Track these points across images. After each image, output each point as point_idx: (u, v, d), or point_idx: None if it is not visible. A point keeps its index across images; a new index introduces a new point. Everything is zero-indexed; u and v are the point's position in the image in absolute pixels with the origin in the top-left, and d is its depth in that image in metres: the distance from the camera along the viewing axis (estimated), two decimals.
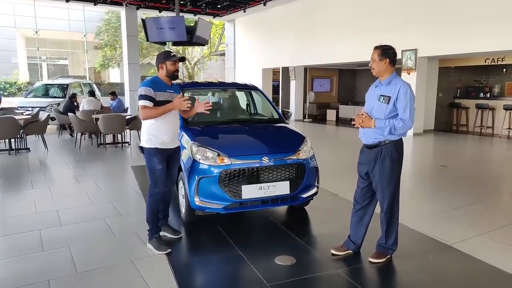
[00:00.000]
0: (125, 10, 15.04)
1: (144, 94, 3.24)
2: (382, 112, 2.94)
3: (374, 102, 3.00)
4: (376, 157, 2.98)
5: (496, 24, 8.60)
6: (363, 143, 3.13)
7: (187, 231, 3.82)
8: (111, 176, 6.24)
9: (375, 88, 3.08)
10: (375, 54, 2.97)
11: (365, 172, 3.11)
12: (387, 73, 2.97)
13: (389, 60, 2.96)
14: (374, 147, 3.00)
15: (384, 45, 3.00)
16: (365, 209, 3.22)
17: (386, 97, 2.92)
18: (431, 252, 3.35)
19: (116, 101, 10.97)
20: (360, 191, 3.20)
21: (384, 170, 2.96)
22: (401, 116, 2.88)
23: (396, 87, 2.91)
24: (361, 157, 3.17)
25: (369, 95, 3.15)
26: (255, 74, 16.48)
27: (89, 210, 4.43)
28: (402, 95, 2.87)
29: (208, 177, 3.64)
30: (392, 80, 2.96)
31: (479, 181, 5.97)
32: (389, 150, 2.96)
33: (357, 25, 11.90)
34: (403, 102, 2.87)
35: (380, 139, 2.96)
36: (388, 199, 3.02)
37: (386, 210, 3.04)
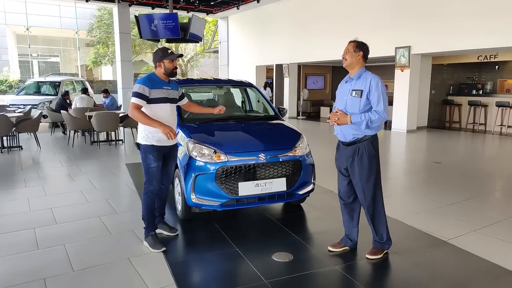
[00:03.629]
0: (118, 7, 14.90)
1: (137, 92, 3.21)
2: (356, 107, 2.94)
3: (346, 98, 3.01)
4: (354, 154, 2.99)
5: (488, 21, 8.67)
6: (340, 140, 3.12)
7: (183, 229, 3.80)
8: (105, 174, 6.18)
9: (345, 83, 3.10)
10: (350, 46, 2.99)
11: (345, 168, 3.11)
12: (358, 66, 2.99)
13: (362, 54, 2.99)
14: (351, 144, 3.01)
15: (360, 40, 3.02)
16: (351, 206, 3.23)
17: (358, 91, 2.94)
18: (427, 248, 3.37)
19: (109, 98, 10.88)
20: (343, 188, 3.21)
21: (363, 168, 2.98)
22: (375, 108, 2.89)
23: (367, 80, 2.93)
24: (338, 154, 3.18)
25: (340, 91, 3.16)
26: (249, 71, 16.45)
27: (84, 208, 4.39)
28: (373, 87, 2.89)
29: (205, 174, 3.62)
30: (362, 74, 2.98)
31: (473, 177, 6.03)
32: (366, 147, 2.98)
33: (351, 22, 11.92)
34: (376, 94, 2.89)
35: (358, 135, 2.97)
36: (369, 195, 3.02)
37: (368, 205, 3.05)
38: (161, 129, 3.14)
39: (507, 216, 4.11)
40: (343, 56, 3.02)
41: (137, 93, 3.21)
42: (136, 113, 3.18)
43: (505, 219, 4.02)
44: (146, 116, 3.20)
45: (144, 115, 3.20)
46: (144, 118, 3.19)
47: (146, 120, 3.19)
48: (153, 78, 3.36)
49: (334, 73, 17.07)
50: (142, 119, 3.19)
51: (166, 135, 3.12)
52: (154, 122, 3.18)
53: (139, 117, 3.19)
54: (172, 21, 8.28)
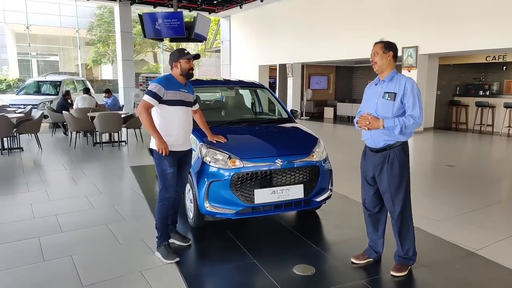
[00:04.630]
0: (119, 5, 14.68)
1: (152, 90, 3.05)
2: (389, 111, 2.74)
3: (377, 101, 2.81)
4: (384, 161, 2.80)
5: (497, 22, 8.51)
6: (368, 146, 2.92)
7: (196, 238, 3.61)
8: (110, 177, 5.99)
9: (375, 86, 2.90)
10: (377, 48, 2.79)
11: (372, 177, 2.92)
12: (389, 68, 2.80)
13: (392, 54, 2.80)
14: (381, 151, 2.81)
15: (387, 40, 2.83)
16: (377, 216, 3.04)
17: (391, 93, 2.74)
18: (455, 260, 3.20)
19: (111, 98, 10.69)
20: (369, 198, 3.01)
21: (393, 176, 2.78)
22: (410, 112, 2.69)
23: (400, 82, 2.74)
24: (364, 162, 2.97)
25: (368, 94, 2.96)
26: (251, 71, 16.26)
27: (90, 215, 4.20)
28: (408, 90, 2.69)
29: (219, 180, 3.44)
30: (394, 76, 2.79)
31: (489, 181, 5.87)
32: (397, 153, 2.78)
33: (356, 21, 11.74)
34: (411, 98, 2.68)
35: (390, 141, 2.77)
36: (399, 207, 2.83)
37: (397, 218, 2.85)
38: (157, 142, 3.03)
39: None
40: (371, 59, 2.82)
41: (151, 92, 3.05)
42: (144, 113, 3.02)
43: None
44: (151, 121, 3.05)
45: (149, 119, 3.04)
46: (148, 123, 3.03)
47: (149, 125, 3.03)
48: (170, 78, 3.19)
49: (338, 73, 16.90)
50: (146, 122, 3.03)
51: (159, 150, 3.02)
52: (154, 132, 3.04)
53: (144, 119, 3.03)
54: (177, 20, 8.08)
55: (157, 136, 3.04)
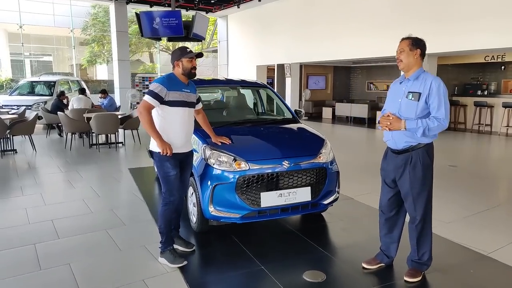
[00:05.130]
0: (114, 4, 14.46)
1: (153, 91, 2.92)
2: (412, 111, 2.61)
3: (400, 101, 2.68)
4: (406, 163, 2.67)
5: (496, 21, 8.44)
6: (389, 147, 2.80)
7: (199, 243, 3.48)
8: (108, 180, 5.82)
9: (399, 84, 2.76)
10: (404, 44, 2.65)
11: (392, 179, 2.80)
12: (415, 66, 2.66)
13: (420, 52, 2.66)
14: (403, 152, 2.69)
15: (415, 36, 2.71)
16: (393, 220, 2.93)
17: (415, 93, 2.60)
18: (469, 264, 3.10)
19: (107, 99, 10.50)
20: (387, 201, 2.90)
21: (416, 179, 2.66)
22: (435, 114, 2.56)
23: (426, 81, 2.59)
24: (385, 163, 2.85)
25: (392, 93, 2.82)
26: (249, 71, 16.12)
27: (88, 220, 4.04)
28: (434, 90, 2.55)
29: (224, 183, 3.31)
30: (421, 75, 2.65)
31: (494, 181, 5.80)
32: (420, 155, 2.65)
33: (354, 21, 11.65)
34: (437, 98, 2.55)
35: (412, 143, 2.65)
36: (420, 211, 2.71)
37: (418, 222, 2.74)
38: (159, 143, 2.91)
39: None
40: (397, 57, 2.68)
41: (152, 92, 2.92)
42: (144, 114, 2.90)
43: None
44: (151, 122, 2.93)
45: (150, 120, 2.92)
46: (148, 124, 2.91)
47: (149, 126, 2.91)
48: (172, 78, 3.06)
49: (336, 73, 16.82)
50: (146, 123, 2.91)
51: (162, 152, 2.90)
52: (154, 133, 2.92)
53: (144, 120, 2.91)
54: (175, 19, 7.93)
55: (158, 138, 2.92)
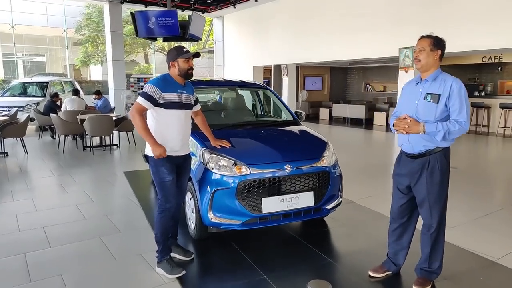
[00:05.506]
0: (109, 4, 14.26)
1: (147, 92, 2.78)
2: (431, 114, 2.48)
3: (417, 102, 2.55)
4: (423, 168, 2.54)
5: (493, 22, 8.39)
6: (404, 152, 2.67)
7: (198, 251, 3.34)
8: (102, 184, 5.65)
9: (415, 85, 2.62)
10: (425, 43, 2.51)
11: (407, 185, 2.68)
12: (434, 67, 2.54)
13: (440, 53, 2.54)
14: (420, 157, 2.56)
15: (436, 35, 2.58)
16: (404, 226, 2.81)
17: (435, 95, 2.47)
18: (478, 271, 2.99)
19: (101, 100, 10.31)
20: (399, 208, 2.78)
21: (433, 184, 2.54)
22: (456, 117, 2.43)
23: (446, 83, 2.47)
24: (399, 168, 2.72)
25: (407, 94, 2.68)
26: (246, 72, 16.00)
27: (81, 227, 3.88)
28: (455, 92, 2.43)
29: (224, 189, 3.18)
30: (439, 76, 2.52)
31: (494, 183, 5.72)
32: (438, 159, 2.53)
33: (352, 22, 11.57)
34: (458, 101, 2.42)
35: (430, 147, 2.53)
36: (437, 218, 2.59)
37: (434, 230, 2.61)
38: (153, 148, 2.76)
39: None
40: (415, 56, 2.54)
41: (145, 94, 2.78)
42: (136, 117, 2.76)
43: None
44: (144, 125, 2.79)
45: (142, 123, 2.77)
46: (141, 127, 2.76)
47: (142, 129, 2.77)
48: (167, 79, 2.92)
49: (332, 74, 16.76)
50: (139, 125, 2.77)
51: (156, 156, 2.76)
52: (148, 136, 2.78)
53: (137, 123, 2.77)
54: (171, 19, 7.78)
55: (152, 141, 2.78)
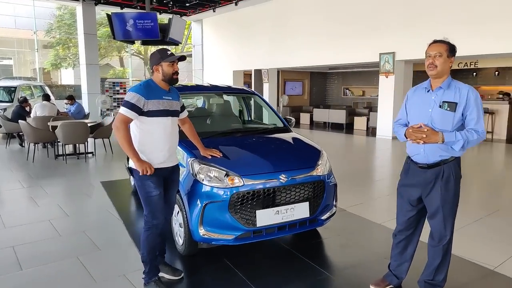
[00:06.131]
0: (82, 5, 13.76)
1: (129, 101, 2.54)
2: (449, 123, 2.35)
3: (431, 111, 2.43)
4: (437, 178, 2.42)
5: (470, 29, 8.61)
6: (416, 162, 2.52)
7: (187, 268, 3.10)
8: (77, 196, 5.28)
9: (427, 92, 2.48)
10: (442, 49, 2.37)
11: (418, 197, 2.54)
12: (446, 75, 2.44)
13: (453, 60, 2.44)
14: (434, 167, 2.44)
15: (449, 41, 2.46)
16: (409, 238, 2.69)
17: (452, 103, 2.35)
18: (479, 282, 2.92)
19: (75, 106, 9.81)
20: (406, 221, 2.64)
21: (448, 194, 2.42)
22: (474, 126, 2.33)
23: (461, 91, 2.36)
24: (409, 179, 2.57)
25: (417, 101, 2.53)
26: (225, 76, 15.81)
27: (56, 245, 3.54)
28: (472, 100, 2.33)
29: (216, 202, 2.96)
30: (451, 83, 2.41)
31: (480, 187, 5.76)
32: (453, 168, 2.42)
33: (333, 27, 11.64)
34: (475, 110, 2.32)
35: (445, 156, 2.41)
36: (450, 229, 2.48)
37: (447, 241, 2.50)
38: (137, 164, 2.54)
39: None
40: (431, 61, 2.38)
41: (128, 103, 2.54)
42: (121, 129, 2.52)
43: None
44: (129, 139, 2.56)
45: (127, 137, 2.54)
46: (125, 141, 2.53)
47: (126, 144, 2.53)
48: (150, 85, 2.68)
49: (312, 78, 16.82)
50: (123, 139, 2.53)
51: (142, 172, 2.54)
52: (131, 152, 2.55)
53: (121, 136, 2.52)
54: (150, 21, 7.47)
55: (135, 157, 2.55)
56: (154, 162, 2.62)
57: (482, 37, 8.21)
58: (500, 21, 8.20)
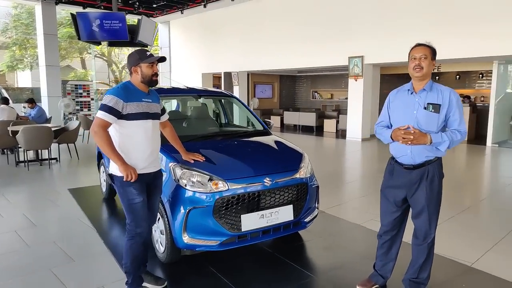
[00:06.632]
0: (41, 5, 13.08)
1: (107, 104, 2.42)
2: (434, 124, 2.43)
3: (416, 113, 2.50)
4: (422, 178, 2.49)
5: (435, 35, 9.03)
6: (401, 163, 2.56)
7: (170, 277, 2.99)
8: (43, 204, 4.96)
9: (410, 95, 2.54)
10: (427, 51, 2.43)
11: (403, 198, 2.60)
12: (429, 77, 2.52)
13: (435, 64, 2.52)
14: (419, 167, 2.51)
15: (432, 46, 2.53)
16: (393, 239, 2.75)
17: (436, 105, 2.42)
18: (459, 278, 3.02)
19: (36, 109, 9.30)
20: (392, 221, 2.69)
21: (433, 193, 2.50)
22: (457, 127, 2.42)
23: (443, 93, 2.45)
24: (394, 180, 2.61)
25: (401, 104, 2.57)
26: (194, 79, 15.61)
27: (25, 257, 3.30)
28: (454, 102, 2.42)
29: (200, 207, 2.88)
30: (433, 85, 2.50)
31: (448, 186, 5.98)
32: (436, 168, 2.50)
33: (303, 30, 11.81)
34: (458, 111, 2.43)
35: (430, 157, 2.48)
36: (434, 227, 2.56)
37: (431, 239, 2.57)
38: (121, 168, 2.43)
39: (507, 230, 3.98)
40: (418, 63, 2.43)
41: (106, 107, 2.42)
42: (101, 134, 2.40)
43: (509, 233, 3.88)
44: (110, 142, 2.44)
45: (108, 141, 2.42)
46: (106, 145, 2.41)
47: (108, 148, 2.42)
48: (129, 87, 2.57)
49: (282, 82, 16.98)
50: (104, 144, 2.41)
51: (126, 177, 2.43)
52: (115, 156, 2.43)
53: (101, 141, 2.40)
54: (118, 22, 7.20)
55: (120, 161, 2.44)
56: (136, 168, 2.51)
57: (446, 42, 8.63)
58: (462, 28, 8.68)
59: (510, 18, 8.01)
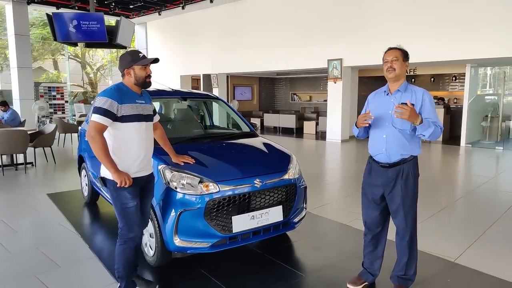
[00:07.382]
0: (12, 5, 12.61)
1: (101, 107, 2.38)
2: (408, 123, 2.53)
3: (391, 112, 2.59)
4: (397, 176, 2.59)
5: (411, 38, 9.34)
6: (378, 162, 2.68)
7: (161, 280, 2.96)
8: (23, 210, 4.78)
9: (386, 96, 2.67)
10: (398, 54, 2.57)
11: (381, 196, 2.70)
12: (403, 78, 2.64)
13: (407, 65, 2.65)
14: (394, 166, 2.61)
15: (403, 48, 2.66)
16: (379, 236, 2.84)
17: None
18: (444, 274, 3.13)
19: (9, 112, 8.95)
20: (373, 219, 2.78)
21: (408, 191, 2.60)
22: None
23: (417, 94, 2.58)
24: (372, 179, 2.72)
25: (378, 105, 2.69)
26: (172, 81, 15.44)
27: (8, 264, 3.18)
28: (427, 102, 2.55)
29: (191, 209, 2.87)
30: (408, 86, 2.63)
31: (425, 185, 6.20)
32: (411, 166, 2.61)
33: (282, 32, 11.92)
34: (431, 110, 2.56)
35: (405, 155, 2.59)
36: (411, 223, 2.66)
37: (409, 236, 2.66)
38: (115, 176, 2.39)
39: (484, 227, 4.16)
40: (390, 65, 2.56)
41: (101, 109, 2.37)
42: (98, 139, 2.36)
43: (488, 229, 4.06)
44: (106, 148, 2.40)
45: (104, 147, 2.38)
46: (102, 151, 2.37)
47: (102, 153, 2.38)
48: (122, 89, 2.54)
49: (261, 84, 17.06)
50: (99, 149, 2.37)
51: (120, 183, 2.40)
52: (109, 163, 2.39)
53: (98, 146, 2.36)
54: (96, 23, 7.05)
55: (113, 168, 2.40)
56: (130, 171, 2.47)
57: (421, 46, 8.95)
58: (436, 31, 9.01)
59: (482, 23, 8.40)
